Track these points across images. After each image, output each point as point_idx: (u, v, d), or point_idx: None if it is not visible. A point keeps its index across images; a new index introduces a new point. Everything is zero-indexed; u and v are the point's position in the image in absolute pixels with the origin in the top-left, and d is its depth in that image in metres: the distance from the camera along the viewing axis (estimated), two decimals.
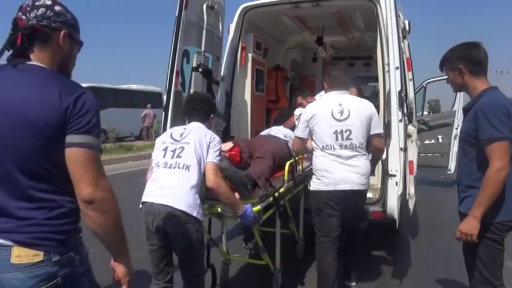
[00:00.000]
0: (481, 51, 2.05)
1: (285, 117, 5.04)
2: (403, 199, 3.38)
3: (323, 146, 2.70)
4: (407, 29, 4.17)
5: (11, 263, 1.13)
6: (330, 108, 2.71)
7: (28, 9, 1.23)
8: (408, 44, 4.25)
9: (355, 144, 2.66)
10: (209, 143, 2.31)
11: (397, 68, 3.18)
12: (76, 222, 1.28)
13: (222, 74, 4.14)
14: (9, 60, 1.25)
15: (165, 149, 2.33)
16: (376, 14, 3.65)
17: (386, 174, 3.21)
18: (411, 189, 3.62)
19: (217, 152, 2.33)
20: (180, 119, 3.43)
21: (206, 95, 2.93)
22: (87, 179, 1.18)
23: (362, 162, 2.70)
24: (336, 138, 2.66)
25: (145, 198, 2.24)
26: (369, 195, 3.77)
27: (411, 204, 3.73)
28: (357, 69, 6.55)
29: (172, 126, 3.29)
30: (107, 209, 1.22)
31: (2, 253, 1.13)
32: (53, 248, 1.18)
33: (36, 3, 1.24)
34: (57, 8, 1.26)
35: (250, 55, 4.61)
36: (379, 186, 3.62)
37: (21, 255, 1.13)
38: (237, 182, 2.54)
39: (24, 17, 1.23)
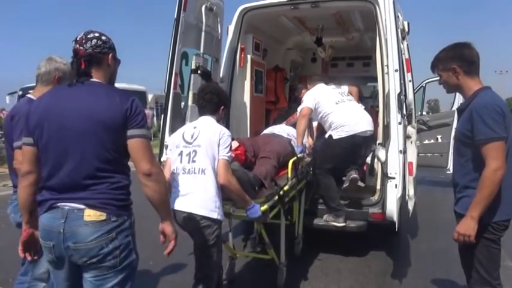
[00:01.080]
0: (473, 51, 2.05)
1: (284, 117, 5.05)
2: (402, 200, 3.39)
3: (336, 102, 3.70)
4: (407, 30, 4.17)
5: (84, 220, 1.59)
6: (328, 87, 3.90)
7: (83, 41, 1.69)
8: (407, 45, 4.25)
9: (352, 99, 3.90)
10: (219, 140, 2.38)
11: (396, 70, 3.17)
12: (128, 195, 1.72)
13: (221, 75, 4.14)
14: (76, 79, 1.70)
15: (181, 154, 2.44)
16: (375, 15, 3.65)
17: (385, 177, 3.21)
18: (410, 190, 3.62)
19: (228, 148, 2.41)
20: (179, 120, 3.44)
21: (218, 87, 2.98)
22: (146, 159, 1.64)
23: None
24: (342, 96, 3.78)
25: (172, 205, 2.39)
26: (369, 196, 3.79)
27: (411, 205, 3.73)
28: (356, 69, 6.56)
29: (171, 128, 3.31)
30: (161, 180, 1.72)
31: (78, 213, 1.60)
32: (112, 212, 1.62)
33: (89, 36, 1.70)
34: (103, 37, 1.73)
35: (249, 56, 4.61)
36: (379, 188, 3.63)
37: (90, 214, 1.59)
38: (246, 183, 2.61)
39: (82, 48, 1.68)
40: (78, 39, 1.70)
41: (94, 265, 1.61)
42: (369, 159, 3.89)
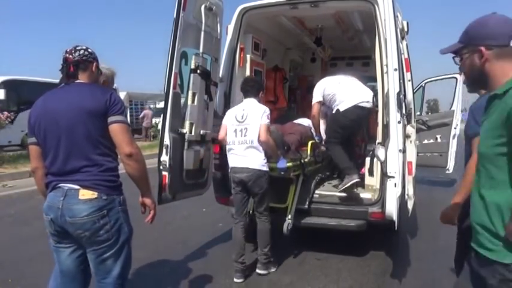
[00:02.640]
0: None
1: (284, 117, 5.05)
2: (402, 200, 3.39)
3: (338, 82, 4.24)
4: (406, 29, 4.17)
5: (79, 198, 1.87)
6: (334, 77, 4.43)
7: (73, 51, 2.04)
8: (407, 44, 4.25)
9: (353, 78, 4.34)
10: (262, 114, 3.37)
11: (395, 69, 3.17)
12: (117, 176, 1.99)
13: (220, 75, 4.13)
14: (63, 81, 2.03)
15: (235, 131, 3.40)
16: (375, 15, 3.65)
17: (385, 176, 3.21)
18: (410, 190, 3.62)
19: (268, 117, 3.38)
20: (178, 120, 3.44)
21: (256, 78, 4.28)
22: (126, 141, 1.94)
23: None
24: (344, 76, 4.33)
25: (232, 164, 3.46)
26: (368, 196, 3.79)
27: (410, 205, 3.74)
28: (355, 69, 6.55)
29: (171, 128, 3.31)
30: (140, 159, 1.99)
31: (74, 192, 1.88)
32: (103, 191, 1.90)
33: (77, 48, 2.05)
34: (89, 50, 2.10)
35: (248, 56, 4.60)
36: (378, 187, 3.63)
37: (84, 194, 1.88)
38: (279, 142, 3.70)
39: (71, 56, 2.03)
40: (68, 50, 2.04)
41: (89, 239, 1.89)
42: (368, 159, 3.90)
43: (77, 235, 1.90)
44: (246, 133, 3.33)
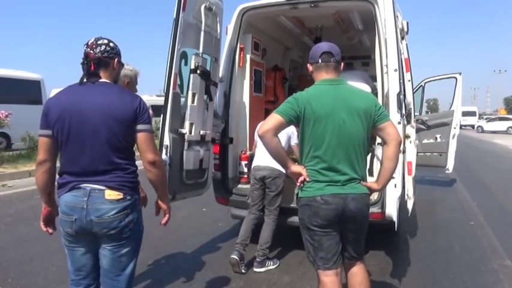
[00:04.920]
0: None
1: None
2: (401, 200, 3.39)
3: None
4: (406, 29, 4.17)
5: (105, 198, 1.92)
6: None
7: (94, 46, 1.99)
8: (407, 44, 4.25)
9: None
10: (292, 133, 3.74)
11: (395, 70, 3.17)
12: (137, 177, 2.06)
13: (220, 75, 4.12)
14: (86, 79, 2.00)
15: None
16: (375, 15, 3.65)
17: None
18: (410, 190, 3.62)
19: (297, 138, 3.58)
20: (178, 120, 3.44)
21: None
22: (151, 150, 2.01)
23: None
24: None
25: (256, 163, 3.80)
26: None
27: (410, 205, 3.74)
28: (355, 69, 6.56)
29: (171, 128, 3.30)
30: (162, 167, 2.12)
31: (99, 193, 1.92)
32: (127, 192, 1.98)
33: (99, 42, 2.00)
34: (111, 44, 2.04)
35: (248, 56, 4.60)
36: None
37: (110, 194, 1.93)
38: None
39: (92, 52, 1.98)
40: (89, 43, 2.00)
41: (113, 236, 1.95)
42: (368, 159, 3.90)
43: (102, 233, 1.94)
44: None
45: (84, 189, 1.92)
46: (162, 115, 3.29)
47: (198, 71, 3.50)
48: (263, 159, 3.61)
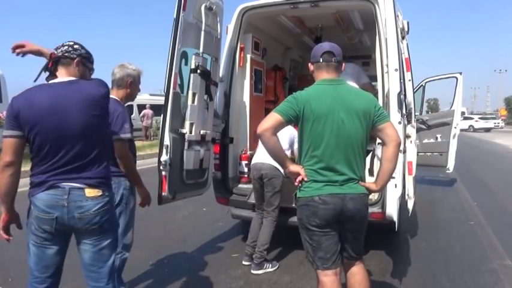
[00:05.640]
0: None
1: None
2: (402, 200, 3.39)
3: None
4: (406, 29, 4.16)
5: (86, 196, 1.97)
6: None
7: (59, 47, 2.07)
8: (407, 44, 4.25)
9: None
10: (294, 138, 3.58)
11: (396, 70, 3.17)
12: (110, 172, 2.13)
13: (220, 75, 4.12)
14: (46, 78, 2.07)
15: None
16: (375, 14, 3.64)
17: None
18: (410, 190, 3.62)
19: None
20: (179, 120, 3.44)
21: None
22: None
23: None
24: None
25: (255, 160, 3.78)
26: (368, 196, 3.78)
27: (410, 205, 3.74)
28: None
29: (171, 128, 3.30)
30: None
31: (79, 191, 1.96)
32: (105, 188, 2.04)
33: (64, 44, 2.08)
34: (76, 46, 2.09)
35: (248, 56, 4.60)
36: None
37: (90, 192, 1.98)
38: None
39: (55, 52, 2.06)
40: (58, 46, 2.08)
41: (94, 230, 2.02)
42: (368, 159, 3.90)
43: (84, 229, 2.00)
44: None
45: (63, 188, 1.94)
46: (162, 115, 3.29)
47: (199, 71, 3.50)
48: (262, 156, 3.59)
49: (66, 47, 2.05)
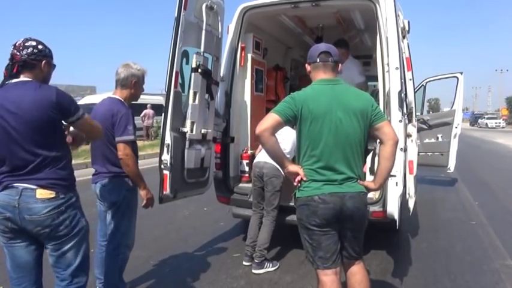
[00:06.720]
0: None
1: None
2: (403, 199, 3.38)
3: None
4: (407, 28, 4.16)
5: (36, 197, 1.91)
6: None
7: (20, 47, 1.95)
8: (408, 43, 4.25)
9: None
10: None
11: (396, 68, 3.17)
12: (71, 174, 2.05)
13: (221, 74, 4.12)
14: (7, 79, 1.97)
15: None
16: (376, 14, 3.64)
17: None
18: (411, 189, 3.61)
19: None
20: (180, 119, 3.44)
21: None
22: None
23: None
24: None
25: (256, 159, 3.79)
26: (369, 195, 3.77)
27: (411, 204, 3.73)
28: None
29: (172, 127, 3.30)
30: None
31: (31, 192, 1.91)
32: (60, 190, 1.96)
33: (26, 44, 1.96)
34: (40, 46, 1.99)
35: (249, 55, 4.60)
36: None
37: (42, 193, 1.92)
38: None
39: (18, 53, 1.94)
40: (16, 45, 1.96)
41: (49, 234, 1.96)
42: (369, 158, 3.89)
43: (36, 232, 1.94)
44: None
45: (16, 188, 1.92)
46: (163, 114, 3.29)
47: (200, 70, 3.51)
48: (265, 155, 3.58)
49: (31, 49, 1.96)
